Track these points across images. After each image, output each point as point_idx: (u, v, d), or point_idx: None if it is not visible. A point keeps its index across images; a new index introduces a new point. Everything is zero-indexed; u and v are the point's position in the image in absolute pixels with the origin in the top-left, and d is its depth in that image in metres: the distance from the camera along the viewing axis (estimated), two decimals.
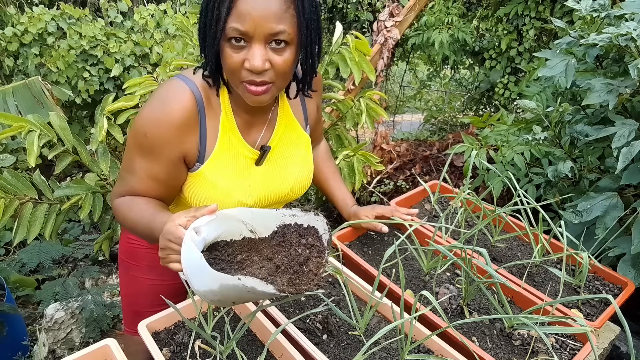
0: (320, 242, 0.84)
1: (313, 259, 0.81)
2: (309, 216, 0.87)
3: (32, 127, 1.45)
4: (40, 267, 2.65)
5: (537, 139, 1.59)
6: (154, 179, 1.01)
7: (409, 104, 5.45)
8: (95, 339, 2.11)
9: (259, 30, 0.87)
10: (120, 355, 0.90)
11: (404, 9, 2.94)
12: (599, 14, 1.44)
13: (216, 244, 0.85)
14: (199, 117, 0.99)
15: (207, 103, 1.00)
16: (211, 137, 1.02)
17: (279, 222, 0.88)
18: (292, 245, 0.84)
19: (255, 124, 1.08)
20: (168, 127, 0.96)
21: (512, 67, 3.35)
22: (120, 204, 1.04)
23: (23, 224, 1.53)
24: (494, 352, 0.97)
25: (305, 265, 0.79)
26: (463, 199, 1.26)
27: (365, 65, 1.81)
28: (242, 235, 0.87)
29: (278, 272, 0.78)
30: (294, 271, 0.78)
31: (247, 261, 0.82)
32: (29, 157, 1.43)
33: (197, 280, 0.73)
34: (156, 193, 1.03)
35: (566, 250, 1.12)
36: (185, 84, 0.98)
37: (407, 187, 2.93)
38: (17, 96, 2.41)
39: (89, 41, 3.29)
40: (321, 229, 0.86)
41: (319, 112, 1.29)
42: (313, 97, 1.18)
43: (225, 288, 0.71)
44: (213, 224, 0.82)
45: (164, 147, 0.97)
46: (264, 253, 0.84)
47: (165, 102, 0.97)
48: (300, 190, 1.18)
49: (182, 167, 1.03)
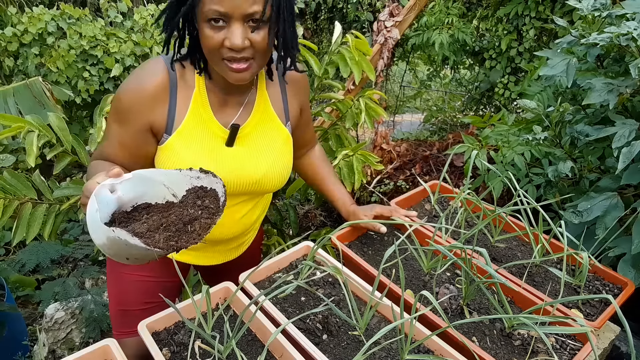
0: (216, 205, 0.88)
1: (202, 219, 0.84)
2: (210, 178, 0.91)
3: (31, 128, 1.45)
4: (40, 267, 2.65)
5: (538, 138, 1.59)
6: (122, 145, 1.08)
7: (409, 104, 5.46)
8: (95, 339, 2.11)
9: (237, 11, 0.92)
10: (120, 355, 0.90)
11: (404, 9, 2.94)
12: (600, 13, 1.43)
13: (139, 205, 0.89)
14: (170, 90, 1.05)
15: (181, 77, 1.07)
16: (181, 110, 1.06)
17: (189, 184, 0.91)
18: (187, 206, 0.87)
19: (230, 104, 1.11)
20: (139, 95, 1.03)
21: (512, 67, 3.35)
22: (90, 167, 1.11)
23: (22, 224, 1.53)
24: (494, 352, 0.97)
25: (190, 225, 0.83)
26: (463, 199, 1.26)
27: (365, 64, 1.80)
28: (165, 199, 0.91)
29: (160, 229, 0.81)
30: (176, 229, 0.82)
31: (149, 220, 0.85)
32: (29, 157, 1.43)
33: (93, 233, 0.78)
34: (123, 159, 1.09)
35: (566, 250, 1.12)
36: (162, 60, 1.06)
37: (407, 187, 2.92)
38: (17, 96, 2.41)
39: (89, 41, 3.29)
40: (219, 191, 0.90)
41: (307, 114, 1.30)
42: (297, 97, 1.21)
43: (110, 241, 0.76)
44: (130, 183, 0.86)
45: (135, 115, 1.04)
46: (167, 214, 0.87)
47: (141, 73, 1.05)
48: (273, 181, 1.17)
49: (150, 138, 1.08)
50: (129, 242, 0.76)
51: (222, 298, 1.08)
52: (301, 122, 1.28)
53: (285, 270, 1.18)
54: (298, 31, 1.75)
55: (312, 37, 5.36)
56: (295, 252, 1.21)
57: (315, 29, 5.37)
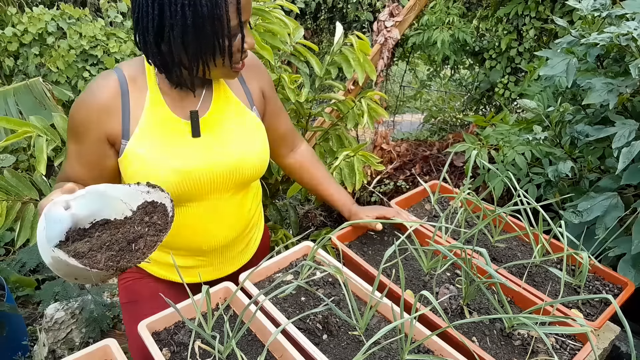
0: (164, 221, 0.86)
1: (147, 237, 0.83)
2: (158, 192, 0.90)
3: (38, 132, 1.44)
4: (40, 267, 2.65)
5: (538, 138, 1.59)
6: (80, 163, 1.08)
7: (409, 104, 5.46)
8: (95, 339, 2.11)
9: (248, 15, 1.00)
10: (120, 355, 0.90)
11: (404, 9, 2.94)
12: (599, 13, 1.43)
13: (97, 222, 0.88)
14: (121, 97, 1.05)
15: (132, 84, 1.07)
16: (135, 113, 1.06)
17: (140, 199, 0.90)
18: (134, 222, 0.86)
19: (186, 98, 1.10)
20: (89, 108, 1.04)
21: (512, 67, 3.35)
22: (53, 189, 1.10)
23: (25, 226, 1.53)
24: (494, 352, 0.97)
25: (135, 244, 0.82)
26: (463, 199, 1.26)
27: (368, 65, 1.81)
28: (123, 214, 0.89)
29: (103, 248, 0.80)
30: (119, 248, 0.81)
31: (99, 239, 0.84)
32: (39, 164, 1.42)
33: (42, 253, 0.77)
34: (84, 177, 1.09)
35: (566, 250, 1.12)
36: (112, 71, 1.07)
37: (407, 187, 2.93)
38: (17, 97, 2.41)
39: (89, 41, 3.29)
40: (168, 206, 0.89)
41: (273, 101, 1.28)
42: (256, 80, 1.22)
43: (54, 260, 0.75)
44: (84, 199, 0.85)
45: (87, 128, 1.04)
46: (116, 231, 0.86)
47: (91, 88, 1.05)
48: (251, 168, 1.15)
49: (107, 150, 1.07)
50: (69, 263, 0.75)
51: (222, 298, 1.08)
52: (268, 109, 1.27)
53: (285, 270, 1.18)
54: (299, 32, 1.76)
55: (312, 37, 5.36)
56: (295, 252, 1.21)
57: (315, 29, 5.37)
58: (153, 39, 0.97)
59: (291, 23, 1.72)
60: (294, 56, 1.77)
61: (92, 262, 0.77)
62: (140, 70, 1.08)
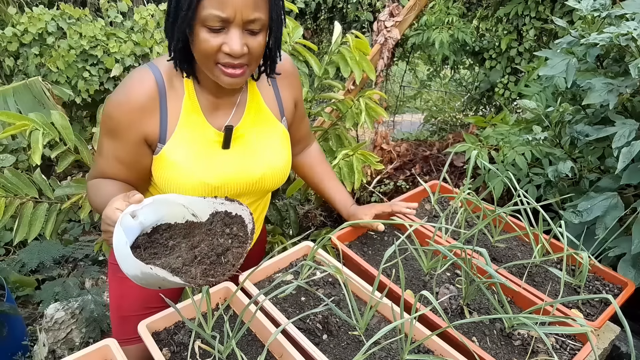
0: (245, 232, 0.87)
1: (233, 249, 0.84)
2: (235, 205, 0.90)
3: (35, 126, 1.44)
4: (40, 267, 2.65)
5: (538, 139, 1.59)
6: (118, 161, 1.06)
7: (409, 104, 5.46)
8: (95, 339, 2.11)
9: (239, 16, 0.91)
10: (120, 355, 0.90)
11: (404, 9, 2.94)
12: (599, 13, 1.43)
13: (159, 227, 0.89)
14: (159, 99, 1.03)
15: (170, 86, 1.04)
16: (172, 118, 1.05)
17: (212, 209, 0.91)
18: (216, 234, 0.86)
19: (222, 107, 1.09)
20: (129, 108, 1.01)
21: (512, 67, 3.35)
22: (91, 186, 1.10)
23: (23, 223, 1.53)
24: (494, 352, 0.97)
25: (224, 256, 0.83)
26: (463, 199, 1.26)
27: (366, 64, 1.81)
28: (185, 218, 0.90)
29: (194, 262, 0.81)
30: (210, 262, 0.81)
31: (175, 247, 0.85)
32: (34, 154, 1.42)
33: (124, 265, 0.77)
34: (122, 175, 1.08)
35: (566, 250, 1.12)
36: (148, 69, 1.04)
37: (407, 187, 2.92)
38: (17, 96, 2.40)
39: (89, 41, 3.29)
40: (247, 218, 0.89)
41: (301, 109, 1.29)
42: (290, 90, 1.20)
43: (145, 275, 0.75)
44: (150, 207, 0.86)
45: (126, 128, 1.02)
46: (193, 240, 0.87)
47: (128, 86, 1.03)
48: (273, 179, 1.16)
49: (145, 150, 1.06)
50: (167, 280, 0.75)
51: (222, 298, 1.08)
52: (296, 117, 1.27)
53: (285, 270, 1.18)
54: (298, 31, 1.76)
55: (312, 37, 5.35)
56: (295, 252, 1.21)
57: (315, 29, 5.36)
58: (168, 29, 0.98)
59: (290, 22, 1.72)
60: (294, 56, 1.77)
61: (189, 278, 0.77)
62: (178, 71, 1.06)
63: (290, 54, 1.77)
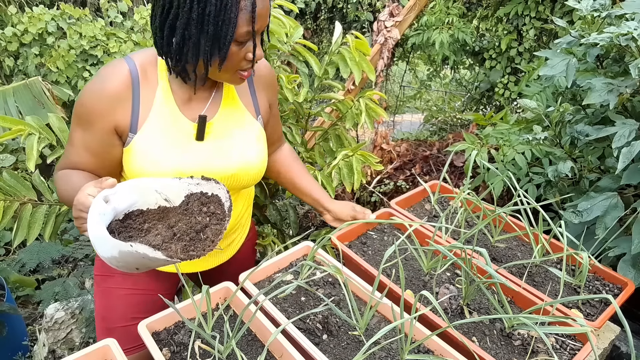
0: (222, 210, 0.88)
1: (212, 226, 0.85)
2: (212, 184, 0.91)
3: (31, 130, 1.44)
4: (40, 267, 2.65)
5: (538, 138, 1.59)
6: (88, 151, 1.06)
7: (409, 104, 5.46)
8: (95, 339, 2.10)
9: (262, 26, 0.97)
10: (120, 355, 0.90)
11: (404, 9, 2.94)
12: (599, 13, 1.43)
13: (131, 212, 0.89)
14: (132, 88, 1.03)
15: (144, 76, 1.05)
16: (145, 107, 1.05)
17: (187, 191, 0.91)
18: (193, 213, 0.87)
19: (196, 100, 1.10)
20: (100, 96, 1.02)
21: (512, 67, 3.35)
22: (58, 177, 1.09)
23: (23, 225, 1.53)
24: (494, 352, 0.97)
25: (202, 233, 0.84)
26: (463, 199, 1.26)
27: (365, 64, 1.80)
28: (157, 204, 0.90)
29: (174, 239, 0.82)
30: (190, 238, 0.82)
31: (152, 229, 0.85)
32: (29, 161, 1.42)
33: (100, 247, 0.77)
34: (91, 166, 1.08)
35: (566, 250, 1.12)
36: (123, 60, 1.05)
37: (407, 187, 2.93)
38: (17, 96, 2.41)
39: (89, 41, 3.29)
40: (223, 197, 0.90)
41: (275, 110, 1.30)
42: (265, 91, 1.22)
43: (123, 254, 0.75)
44: (123, 192, 0.86)
45: (98, 116, 1.02)
46: (169, 221, 0.87)
47: (102, 75, 1.03)
48: (248, 175, 1.16)
49: (115, 140, 1.06)
50: (149, 256, 0.76)
51: (222, 298, 1.08)
52: (272, 117, 1.28)
53: (285, 270, 1.18)
54: (298, 31, 1.76)
55: (312, 37, 5.36)
56: (295, 252, 1.21)
57: (315, 29, 5.37)
58: (159, 24, 0.97)
59: (289, 22, 1.71)
60: (293, 56, 1.77)
61: (171, 253, 0.79)
62: (152, 61, 1.06)
63: (290, 54, 1.76)
